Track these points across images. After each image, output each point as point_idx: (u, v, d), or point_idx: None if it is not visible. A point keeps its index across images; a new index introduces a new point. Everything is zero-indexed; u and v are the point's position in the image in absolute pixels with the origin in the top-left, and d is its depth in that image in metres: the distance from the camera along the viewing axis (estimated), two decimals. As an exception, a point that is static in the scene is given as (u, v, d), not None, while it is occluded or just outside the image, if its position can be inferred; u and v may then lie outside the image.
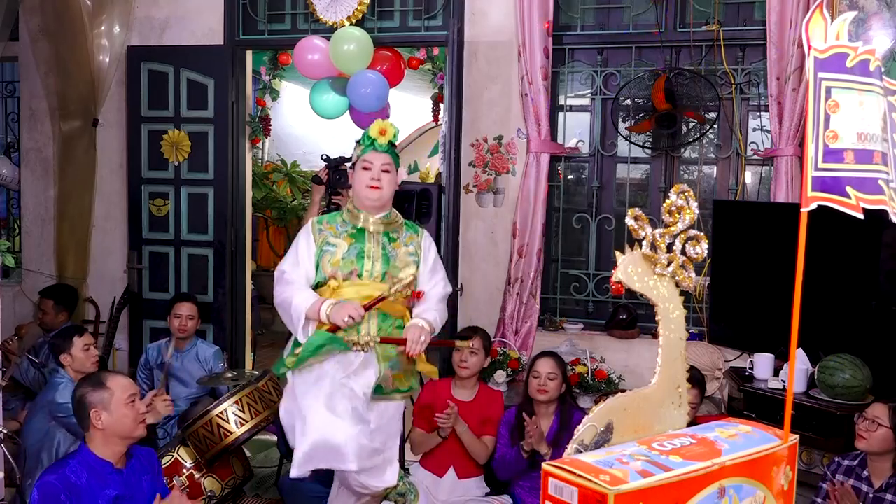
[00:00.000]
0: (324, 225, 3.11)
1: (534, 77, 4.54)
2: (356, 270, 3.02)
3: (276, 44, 5.35)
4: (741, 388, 3.92)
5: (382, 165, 3.06)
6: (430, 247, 3.22)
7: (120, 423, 2.75)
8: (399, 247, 3.11)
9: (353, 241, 3.06)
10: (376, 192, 3.04)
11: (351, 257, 3.03)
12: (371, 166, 3.05)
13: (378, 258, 3.06)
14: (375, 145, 3.06)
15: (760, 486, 1.23)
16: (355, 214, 3.10)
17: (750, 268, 4.15)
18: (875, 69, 1.25)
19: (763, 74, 4.42)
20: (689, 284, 1.46)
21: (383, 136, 3.06)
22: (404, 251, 3.11)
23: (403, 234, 3.15)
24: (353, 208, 3.12)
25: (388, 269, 3.05)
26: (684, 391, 1.46)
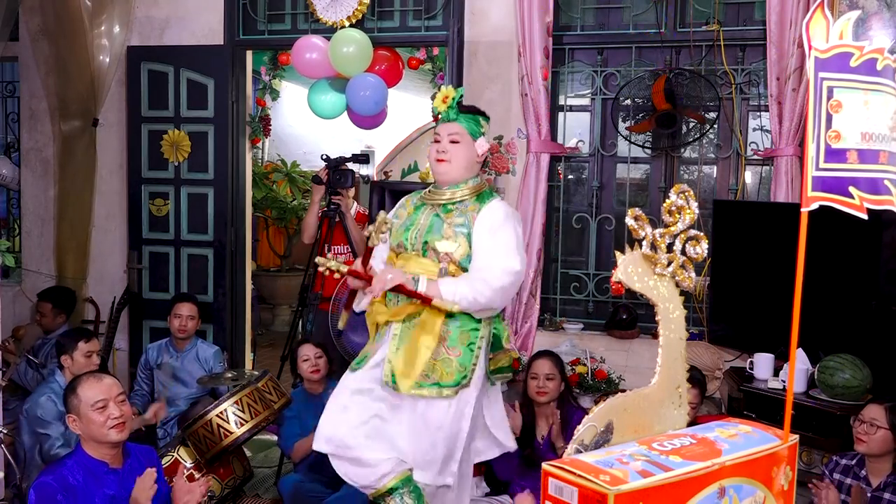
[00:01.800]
0: (409, 197, 3.03)
1: (534, 77, 4.54)
2: (401, 243, 2.91)
3: (276, 44, 5.35)
4: (741, 387, 3.92)
5: (450, 136, 2.87)
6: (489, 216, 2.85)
7: (89, 429, 2.74)
8: (450, 217, 2.87)
9: (413, 211, 2.95)
10: (443, 165, 2.87)
11: (401, 230, 2.92)
12: (439, 138, 2.89)
13: (423, 230, 2.88)
14: (442, 115, 2.90)
15: (760, 486, 1.23)
16: (430, 189, 2.97)
17: (750, 268, 4.15)
18: (885, 68, 1.24)
19: (763, 74, 4.42)
20: (689, 284, 1.46)
21: (444, 103, 2.88)
22: (454, 221, 2.86)
23: (465, 204, 2.89)
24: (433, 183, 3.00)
25: (427, 240, 2.85)
26: (684, 391, 1.46)
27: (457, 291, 2.74)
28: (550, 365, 3.66)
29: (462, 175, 2.90)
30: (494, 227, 2.83)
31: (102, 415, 2.73)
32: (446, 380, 2.82)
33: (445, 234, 2.83)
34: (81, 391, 2.77)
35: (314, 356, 4.06)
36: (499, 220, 2.84)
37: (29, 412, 3.71)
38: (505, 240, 2.82)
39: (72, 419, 2.76)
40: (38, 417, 3.66)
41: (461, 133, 2.87)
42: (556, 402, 3.67)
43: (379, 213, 2.80)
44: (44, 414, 3.66)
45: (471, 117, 2.89)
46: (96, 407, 2.74)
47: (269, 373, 3.90)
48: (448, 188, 2.91)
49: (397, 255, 2.94)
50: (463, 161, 2.87)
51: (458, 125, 2.87)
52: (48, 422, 3.66)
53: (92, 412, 2.73)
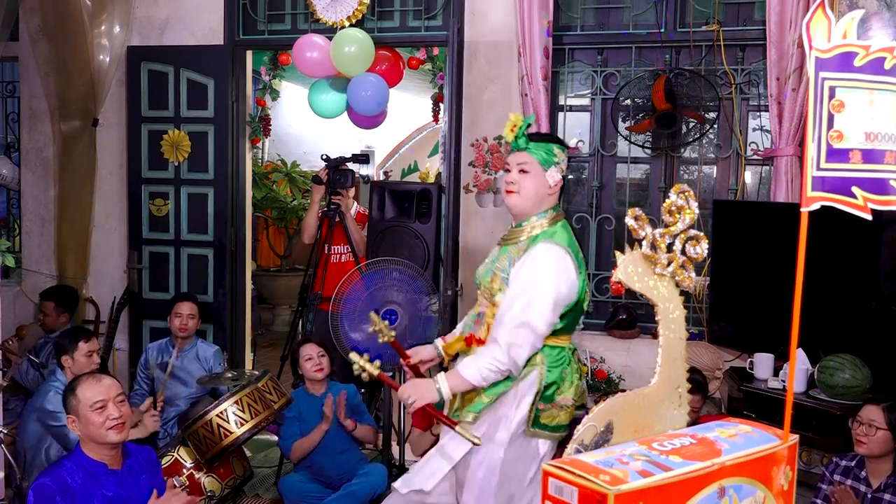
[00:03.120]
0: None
1: (534, 77, 4.54)
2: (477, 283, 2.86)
3: (276, 44, 5.35)
4: (741, 387, 3.91)
5: (519, 165, 2.69)
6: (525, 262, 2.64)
7: (88, 430, 2.74)
8: (502, 259, 2.73)
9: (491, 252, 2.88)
10: (512, 197, 2.70)
11: (480, 269, 2.85)
12: (509, 167, 2.73)
13: (482, 271, 2.81)
14: (511, 144, 2.71)
15: (760, 486, 1.22)
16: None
17: (750, 268, 4.15)
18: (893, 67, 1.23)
19: (763, 74, 4.42)
20: (689, 284, 1.46)
21: (512, 132, 2.69)
22: (500, 265, 2.72)
23: (517, 246, 2.71)
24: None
25: (480, 281, 2.79)
26: (684, 391, 1.46)
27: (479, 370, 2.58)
28: None
29: (533, 207, 2.71)
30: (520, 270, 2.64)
31: (101, 415, 2.73)
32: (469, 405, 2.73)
33: (492, 277, 2.72)
34: (80, 392, 2.77)
35: (317, 355, 4.06)
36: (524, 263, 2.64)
37: (40, 409, 3.68)
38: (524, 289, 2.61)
39: (71, 420, 2.76)
40: (50, 411, 3.63)
41: (531, 162, 2.68)
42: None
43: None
44: (54, 407, 3.63)
45: (542, 146, 2.70)
46: (95, 407, 2.73)
47: (270, 373, 3.91)
48: (520, 225, 2.75)
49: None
50: (531, 192, 2.68)
51: (527, 154, 2.69)
52: (60, 413, 3.64)
53: (91, 413, 2.73)
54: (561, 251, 2.65)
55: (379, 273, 3.97)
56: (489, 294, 2.72)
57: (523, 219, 2.74)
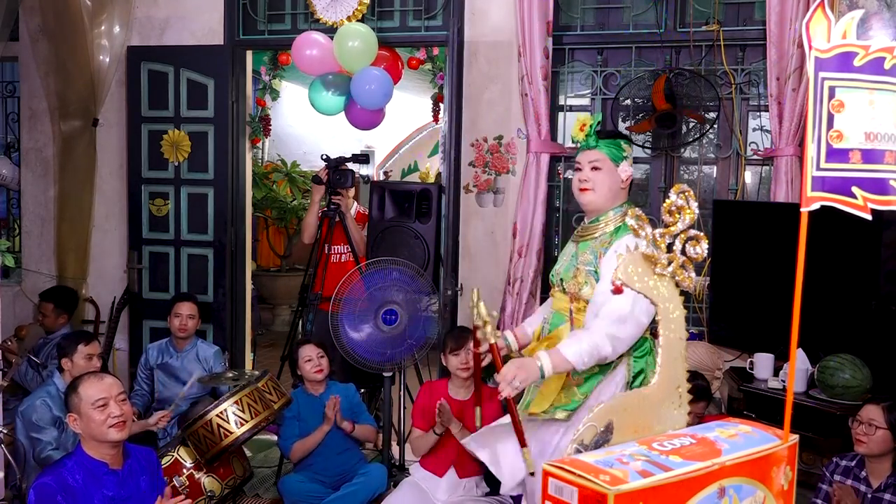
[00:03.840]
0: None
1: (534, 77, 4.54)
2: (550, 280, 2.89)
3: (276, 44, 5.35)
4: (741, 387, 3.92)
5: (591, 163, 2.76)
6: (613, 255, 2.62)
7: (89, 427, 2.74)
8: (584, 254, 2.76)
9: (565, 249, 2.90)
10: (585, 194, 2.76)
11: (556, 267, 2.87)
12: (581, 166, 2.79)
13: (561, 268, 2.82)
14: (581, 143, 2.81)
15: (760, 486, 1.22)
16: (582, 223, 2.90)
17: (750, 268, 4.15)
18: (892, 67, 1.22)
19: (763, 74, 4.42)
20: (689, 284, 1.46)
21: (582, 131, 2.85)
22: (583, 260, 2.74)
23: (597, 240, 2.76)
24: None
25: (563, 277, 2.79)
26: (684, 391, 1.46)
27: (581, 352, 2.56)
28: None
29: (608, 203, 2.77)
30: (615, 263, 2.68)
31: (103, 413, 2.73)
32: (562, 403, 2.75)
33: (575, 273, 2.75)
34: (82, 389, 2.77)
35: (317, 356, 4.06)
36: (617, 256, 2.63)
37: (24, 415, 3.71)
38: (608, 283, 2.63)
39: (72, 418, 2.76)
40: (32, 422, 3.66)
41: (602, 159, 2.75)
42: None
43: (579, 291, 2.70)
44: (38, 419, 3.66)
45: (611, 142, 2.77)
46: (97, 405, 2.74)
47: (270, 373, 3.90)
48: (593, 221, 2.80)
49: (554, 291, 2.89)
50: (606, 188, 2.75)
51: (598, 152, 2.76)
52: (42, 427, 3.65)
53: (93, 410, 2.73)
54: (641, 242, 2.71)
55: (379, 273, 3.98)
56: (576, 289, 2.73)
57: (599, 214, 2.79)
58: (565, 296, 2.77)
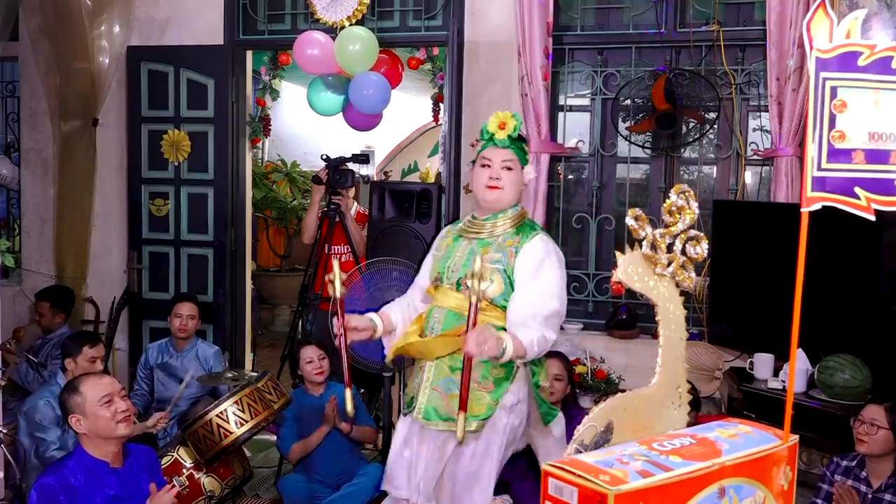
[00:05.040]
0: (452, 225, 2.99)
1: (534, 77, 4.54)
2: (438, 277, 2.82)
3: (276, 44, 5.35)
4: (741, 387, 3.91)
5: (503, 162, 2.76)
6: (532, 254, 2.73)
7: (97, 426, 2.74)
8: (487, 252, 2.74)
9: (452, 244, 2.86)
10: (495, 192, 2.76)
11: (439, 263, 2.84)
12: (490, 163, 2.77)
13: (458, 265, 2.77)
14: (495, 140, 2.77)
15: (760, 486, 1.22)
16: (468, 219, 2.89)
17: (750, 268, 4.15)
18: None
19: (763, 75, 4.42)
20: (689, 284, 1.46)
21: (503, 130, 2.76)
22: (490, 257, 2.72)
23: (503, 239, 2.78)
24: (472, 211, 2.91)
25: (462, 276, 2.70)
26: (684, 391, 1.46)
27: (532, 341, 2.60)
28: (559, 366, 3.65)
29: (510, 202, 2.81)
30: (538, 266, 2.72)
31: (109, 409, 2.74)
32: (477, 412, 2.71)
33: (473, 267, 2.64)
34: (85, 389, 2.76)
35: (317, 357, 4.05)
36: (541, 259, 2.73)
37: (27, 415, 3.71)
38: (549, 280, 2.72)
39: (76, 419, 2.75)
40: (36, 421, 3.66)
41: (514, 160, 2.78)
42: (560, 402, 3.67)
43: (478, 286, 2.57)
44: (41, 418, 3.66)
45: (520, 144, 2.81)
46: (103, 402, 2.74)
47: (269, 373, 3.90)
48: (488, 219, 2.82)
49: (435, 287, 2.85)
50: (514, 188, 2.79)
51: (510, 152, 2.77)
52: (45, 426, 3.65)
53: (99, 408, 2.73)
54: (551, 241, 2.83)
55: (379, 273, 3.97)
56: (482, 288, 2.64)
57: (496, 212, 2.80)
58: (459, 294, 2.71)
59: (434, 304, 2.83)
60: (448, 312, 2.77)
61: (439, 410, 2.76)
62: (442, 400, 2.75)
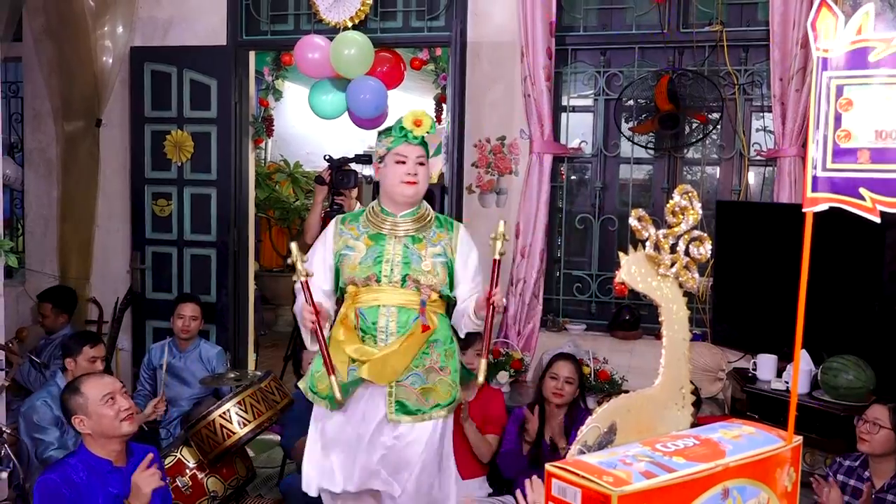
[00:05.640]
0: (346, 226, 2.90)
1: (536, 78, 4.54)
2: (374, 276, 2.81)
3: (279, 44, 5.35)
4: (744, 388, 3.91)
5: (417, 158, 2.84)
6: (465, 243, 2.93)
7: (100, 425, 2.73)
8: (423, 248, 2.84)
9: (373, 243, 2.85)
10: (412, 187, 2.83)
11: (368, 262, 2.82)
12: (406, 160, 2.83)
13: (398, 262, 2.81)
14: (409, 137, 2.83)
15: (764, 487, 1.22)
16: (377, 214, 2.90)
17: (753, 269, 4.14)
18: None
19: (766, 75, 4.42)
20: (692, 285, 1.45)
21: (419, 127, 2.82)
22: (430, 252, 2.85)
23: (431, 233, 2.89)
24: (377, 207, 2.91)
25: (408, 272, 2.80)
26: (688, 392, 1.45)
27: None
28: (571, 368, 3.64)
29: (421, 197, 2.93)
30: (468, 255, 2.94)
31: (112, 408, 2.73)
32: (445, 399, 2.87)
33: (425, 265, 2.82)
34: (86, 389, 2.76)
35: None
36: (469, 248, 2.95)
37: (25, 416, 3.70)
38: (477, 265, 2.96)
39: (79, 420, 2.74)
40: (34, 422, 3.65)
41: (425, 157, 2.89)
42: (567, 404, 3.66)
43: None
44: (39, 419, 3.65)
45: (426, 143, 2.92)
46: (105, 401, 2.73)
47: (272, 373, 3.90)
48: (407, 215, 2.89)
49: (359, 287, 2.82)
50: (426, 184, 2.90)
51: (422, 148, 2.88)
52: (44, 427, 3.65)
53: (102, 407, 2.73)
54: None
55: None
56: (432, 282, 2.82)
57: (412, 208, 2.90)
58: (406, 290, 2.80)
59: (370, 304, 2.81)
60: (399, 310, 2.81)
61: (409, 405, 2.82)
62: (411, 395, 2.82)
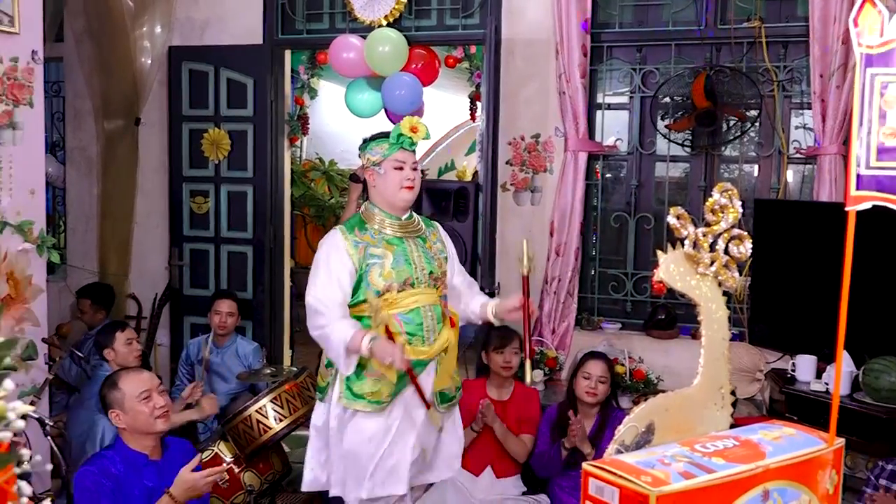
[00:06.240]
0: (356, 235, 2.91)
1: (571, 75, 4.52)
2: (409, 278, 2.87)
3: (315, 43, 5.38)
4: (783, 389, 3.86)
5: (413, 164, 2.97)
6: (447, 239, 3.16)
7: (135, 421, 2.77)
8: (430, 246, 3.00)
9: (395, 247, 2.90)
10: (411, 192, 2.94)
11: (401, 265, 2.87)
12: (403, 165, 2.93)
13: (422, 262, 2.92)
14: (406, 144, 2.94)
15: (805, 489, 1.20)
16: (385, 219, 2.95)
17: (792, 268, 4.08)
18: None
19: (806, 71, 4.35)
20: (732, 284, 1.44)
21: (416, 133, 2.93)
22: (435, 249, 3.01)
23: (427, 233, 3.05)
24: (378, 213, 2.96)
25: (432, 270, 2.94)
26: (727, 392, 1.44)
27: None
28: (605, 368, 3.62)
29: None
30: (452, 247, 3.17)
31: (148, 405, 2.78)
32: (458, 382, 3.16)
33: (439, 262, 2.99)
34: (123, 385, 2.81)
35: None
36: (449, 240, 3.17)
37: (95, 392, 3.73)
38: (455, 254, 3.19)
39: (115, 414, 2.79)
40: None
41: (417, 163, 3.02)
42: (599, 403, 3.64)
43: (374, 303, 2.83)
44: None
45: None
46: (141, 397, 2.78)
47: (308, 369, 3.94)
48: (409, 217, 3.03)
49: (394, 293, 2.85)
50: (419, 189, 3.05)
51: (414, 154, 3.00)
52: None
53: (138, 403, 2.77)
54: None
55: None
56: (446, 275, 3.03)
57: (408, 211, 3.04)
58: (431, 287, 2.94)
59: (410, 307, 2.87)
60: (434, 307, 2.95)
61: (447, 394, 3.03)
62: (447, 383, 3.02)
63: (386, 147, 2.95)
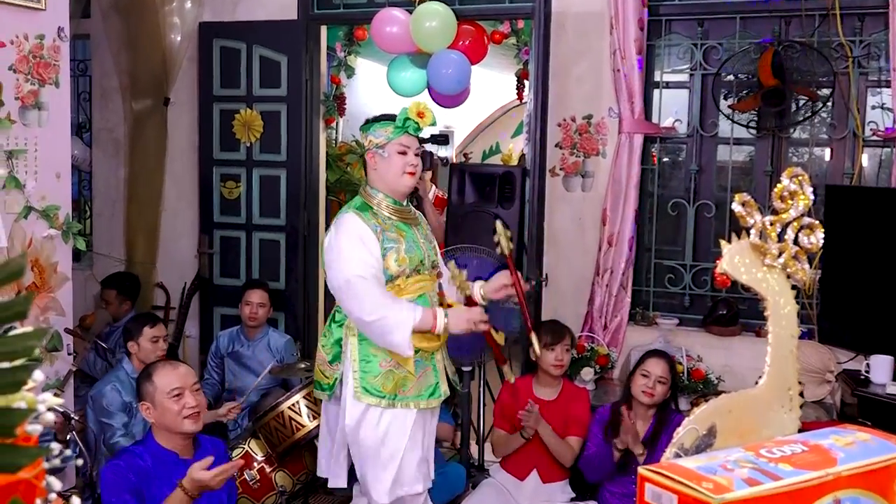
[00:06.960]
0: (372, 219, 3.02)
1: (627, 51, 4.48)
2: (420, 264, 3.06)
3: (352, 18, 5.39)
4: (855, 392, 3.80)
5: (416, 149, 3.10)
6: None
7: (164, 417, 2.82)
8: (425, 232, 3.21)
9: (404, 232, 3.06)
10: (413, 178, 3.07)
11: (413, 251, 3.04)
12: (407, 150, 3.05)
13: (427, 248, 3.13)
14: (412, 129, 3.04)
15: (880, 499, 1.19)
16: (391, 204, 3.08)
17: (866, 260, 4.02)
18: None
19: (884, 46, 4.26)
20: (802, 277, 1.42)
21: (422, 119, 3.03)
22: (430, 236, 3.23)
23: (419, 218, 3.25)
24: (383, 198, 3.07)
25: (433, 256, 3.17)
26: (795, 393, 1.42)
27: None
28: (665, 368, 3.60)
29: None
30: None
31: (178, 403, 2.81)
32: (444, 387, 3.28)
33: (434, 249, 3.21)
34: (157, 378, 2.85)
35: None
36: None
37: (94, 399, 3.87)
38: None
39: (145, 406, 2.85)
40: (103, 407, 3.81)
41: (419, 149, 3.13)
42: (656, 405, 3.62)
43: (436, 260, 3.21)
44: (108, 404, 3.81)
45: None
46: (172, 395, 2.81)
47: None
48: (409, 203, 3.20)
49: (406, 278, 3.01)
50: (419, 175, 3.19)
51: (417, 140, 3.12)
52: (112, 412, 3.80)
53: (167, 400, 2.81)
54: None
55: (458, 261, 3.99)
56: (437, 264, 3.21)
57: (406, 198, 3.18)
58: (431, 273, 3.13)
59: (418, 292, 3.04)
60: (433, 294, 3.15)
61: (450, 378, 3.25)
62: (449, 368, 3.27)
63: (391, 130, 3.04)
